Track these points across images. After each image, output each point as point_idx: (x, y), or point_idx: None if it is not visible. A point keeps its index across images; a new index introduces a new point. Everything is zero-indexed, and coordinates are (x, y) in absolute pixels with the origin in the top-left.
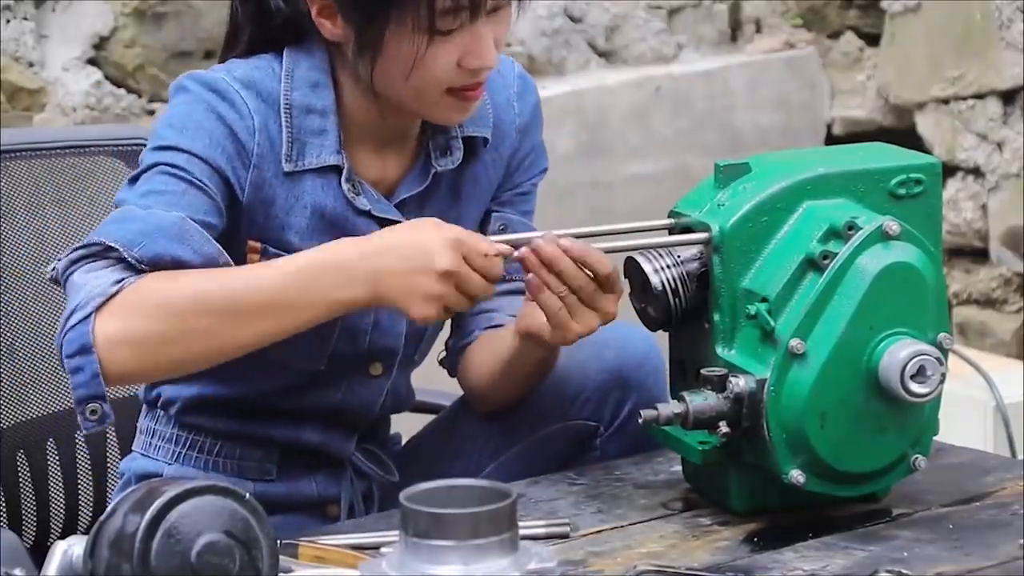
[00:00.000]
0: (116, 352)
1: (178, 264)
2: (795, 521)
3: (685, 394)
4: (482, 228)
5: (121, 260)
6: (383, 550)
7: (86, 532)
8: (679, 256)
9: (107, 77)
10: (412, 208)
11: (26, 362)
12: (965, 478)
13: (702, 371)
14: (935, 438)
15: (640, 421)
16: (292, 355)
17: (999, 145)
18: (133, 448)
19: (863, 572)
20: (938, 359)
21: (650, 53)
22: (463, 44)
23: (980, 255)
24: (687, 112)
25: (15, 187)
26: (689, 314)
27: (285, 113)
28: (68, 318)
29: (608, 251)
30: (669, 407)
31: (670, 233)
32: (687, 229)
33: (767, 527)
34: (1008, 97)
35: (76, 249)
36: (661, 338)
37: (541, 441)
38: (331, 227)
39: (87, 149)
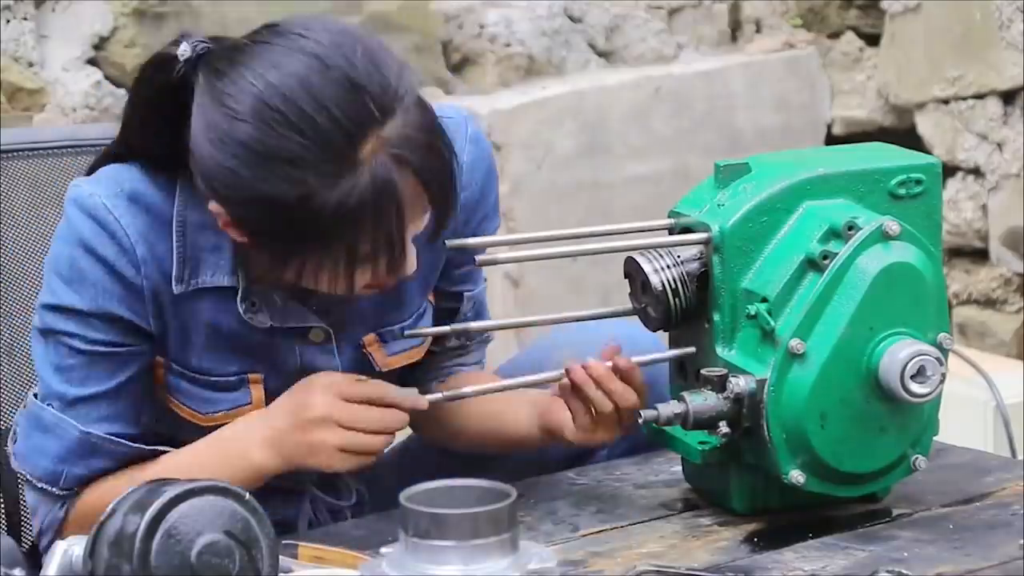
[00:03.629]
0: None
1: (104, 474)
2: (795, 521)
3: (685, 394)
4: (446, 306)
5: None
6: (383, 550)
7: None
8: (679, 256)
9: (107, 77)
10: (338, 302)
11: (27, 362)
12: (965, 478)
13: (702, 371)
14: (935, 438)
15: (640, 421)
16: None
17: (999, 145)
18: None
19: (863, 572)
20: (938, 359)
21: (650, 53)
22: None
23: (980, 255)
24: (687, 112)
25: (15, 187)
26: (689, 314)
27: (178, 231)
28: (38, 538)
29: (608, 251)
30: (669, 407)
31: (670, 233)
32: (687, 229)
33: (767, 527)
34: (1008, 97)
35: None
36: (661, 338)
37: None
38: (231, 344)
39: (87, 149)
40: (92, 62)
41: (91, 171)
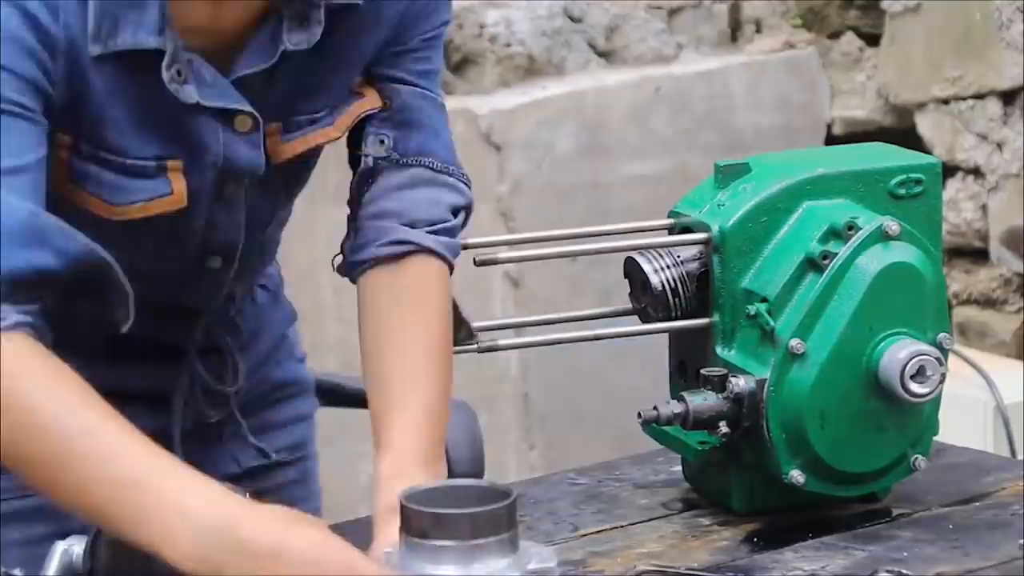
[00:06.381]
0: None
1: (41, 274)
2: (795, 521)
3: (685, 394)
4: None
5: None
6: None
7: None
8: (679, 256)
9: None
10: (256, 86)
11: None
12: (965, 478)
13: (702, 371)
14: (935, 438)
15: (640, 421)
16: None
17: (999, 145)
18: None
19: (863, 572)
20: (938, 359)
21: (650, 53)
22: None
23: (980, 255)
24: (687, 112)
25: None
26: (689, 314)
27: None
28: None
29: (608, 251)
30: (669, 407)
31: (670, 233)
32: (687, 229)
33: (767, 527)
34: (1008, 97)
35: None
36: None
37: None
38: (151, 120)
39: None
40: None
41: None
